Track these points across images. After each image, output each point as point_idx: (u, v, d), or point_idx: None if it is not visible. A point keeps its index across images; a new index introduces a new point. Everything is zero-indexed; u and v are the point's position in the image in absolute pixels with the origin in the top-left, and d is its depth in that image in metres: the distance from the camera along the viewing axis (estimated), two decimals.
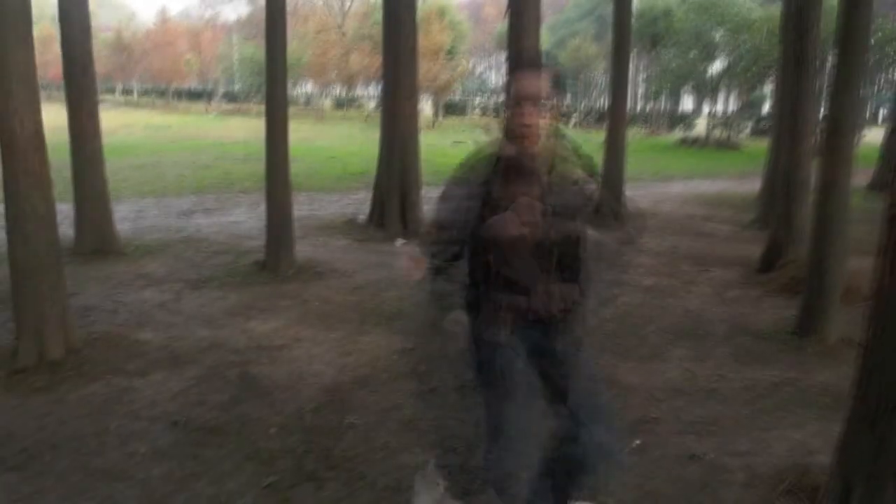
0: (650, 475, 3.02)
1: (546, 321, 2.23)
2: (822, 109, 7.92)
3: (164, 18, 48.20)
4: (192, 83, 53.40)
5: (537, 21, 6.49)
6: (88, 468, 2.94)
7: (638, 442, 3.31)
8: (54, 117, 4.15)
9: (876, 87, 40.93)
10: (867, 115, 35.47)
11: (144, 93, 51.46)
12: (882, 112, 41.12)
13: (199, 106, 43.78)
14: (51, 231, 4.14)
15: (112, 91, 48.82)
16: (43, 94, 4.27)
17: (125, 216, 8.59)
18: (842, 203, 4.94)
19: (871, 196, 12.24)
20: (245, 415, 3.47)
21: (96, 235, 6.73)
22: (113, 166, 6.84)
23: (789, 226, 6.70)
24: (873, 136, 20.98)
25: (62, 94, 6.64)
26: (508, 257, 2.16)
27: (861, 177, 8.52)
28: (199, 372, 4.02)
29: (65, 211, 4.78)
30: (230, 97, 48.87)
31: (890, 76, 35.17)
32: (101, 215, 6.79)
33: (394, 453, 3.12)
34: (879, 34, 19.85)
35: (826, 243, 4.97)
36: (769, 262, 6.90)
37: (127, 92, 51.76)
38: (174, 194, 10.99)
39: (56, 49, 6.71)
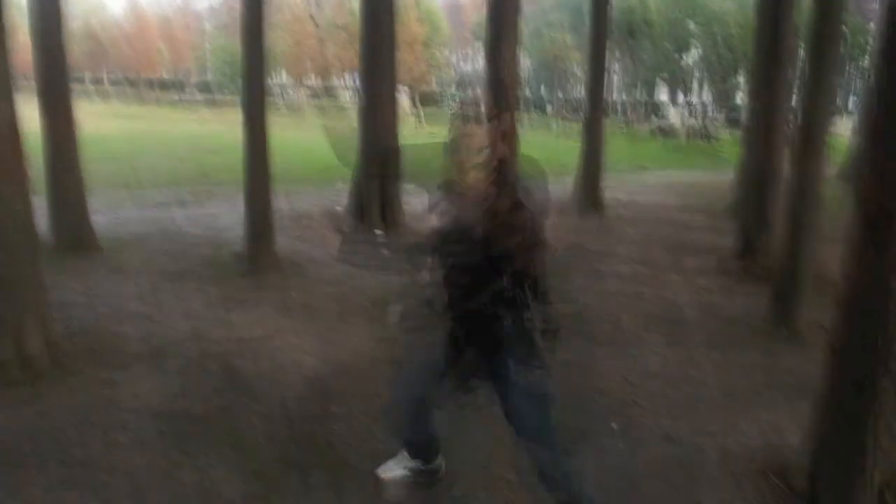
0: (627, 456, 3.10)
1: (476, 338, 2.33)
2: (794, 100, 8.07)
3: (134, 6, 47.33)
4: (163, 73, 52.55)
5: (516, 11, 6.53)
6: (70, 460, 2.93)
7: (615, 425, 3.40)
8: (20, 108, 4.08)
9: (845, 78, 41.59)
10: (837, 103, 35.98)
11: (115, 83, 50.52)
12: (851, 101, 41.83)
13: (172, 96, 43.09)
14: (27, 226, 4.09)
15: (81, 81, 47.84)
16: None
17: (99, 209, 8.45)
18: (813, 192, 5.06)
19: (840, 185, 12.51)
20: (228, 405, 3.49)
21: (72, 230, 6.63)
22: (84, 158, 6.73)
23: (761, 215, 6.84)
24: (843, 125, 21.39)
25: (29, 85, 6.50)
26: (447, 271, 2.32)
27: (831, 167, 8.70)
28: (181, 364, 4.01)
29: (36, 204, 4.71)
30: (203, 88, 48.20)
31: (859, 65, 35.78)
32: (76, 209, 6.68)
33: (377, 440, 3.16)
34: (845, 28, 20.18)
35: (797, 232, 5.09)
36: (741, 250, 7.04)
37: (97, 82, 50.77)
38: (149, 187, 10.85)
39: (22, 39, 6.52)
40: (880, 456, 2.63)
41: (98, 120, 22.02)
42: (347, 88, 47.37)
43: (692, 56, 29.06)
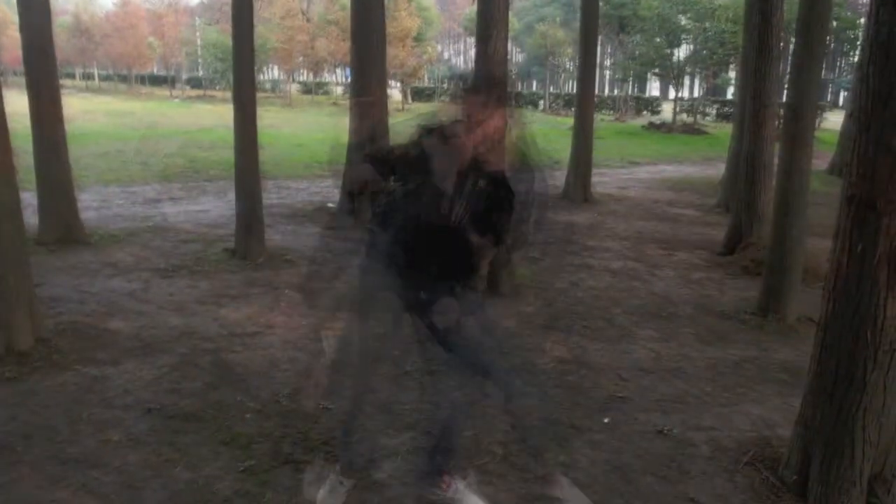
0: (619, 450, 3.12)
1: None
2: (784, 94, 8.11)
3: (124, 1, 46.82)
4: (154, 68, 52.21)
5: (506, 6, 6.51)
6: (63, 457, 2.92)
7: (607, 420, 3.42)
8: (12, 103, 4.05)
9: (836, 72, 41.79)
10: (828, 98, 36.23)
11: (105, 78, 50.22)
12: (842, 95, 42.03)
13: (163, 91, 42.89)
14: (16, 220, 4.07)
15: (72, 76, 47.51)
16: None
17: (89, 205, 8.43)
18: (802, 186, 5.10)
19: (830, 180, 12.60)
20: (220, 401, 3.48)
21: (61, 224, 6.60)
22: (75, 154, 6.69)
23: (751, 209, 6.88)
24: (834, 119, 21.48)
25: (19, 80, 6.46)
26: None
27: (820, 161, 8.74)
28: (172, 360, 4.00)
29: (26, 199, 4.69)
30: (194, 83, 47.92)
31: (849, 60, 35.96)
32: (65, 204, 6.65)
33: (370, 436, 3.16)
34: (836, 23, 20.28)
35: (786, 226, 5.13)
36: (731, 244, 7.08)
37: (87, 77, 50.44)
38: (139, 182, 10.79)
39: (12, 33, 6.49)
40: (869, 449, 2.66)
41: (88, 115, 21.92)
42: (339, 84, 47.25)
43: (684, 51, 29.06)
